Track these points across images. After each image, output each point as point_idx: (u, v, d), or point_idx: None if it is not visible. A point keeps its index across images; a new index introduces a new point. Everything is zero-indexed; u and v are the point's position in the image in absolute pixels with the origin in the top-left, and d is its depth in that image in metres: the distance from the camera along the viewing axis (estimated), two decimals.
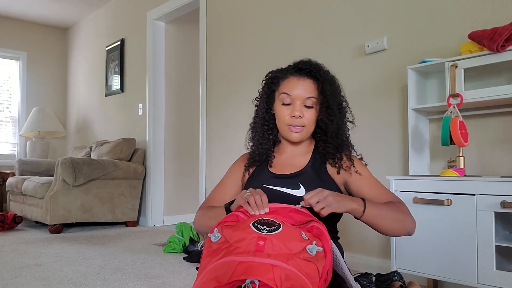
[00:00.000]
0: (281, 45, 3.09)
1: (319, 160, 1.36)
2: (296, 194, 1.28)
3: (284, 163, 1.37)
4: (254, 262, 0.87)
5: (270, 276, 0.85)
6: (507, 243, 1.62)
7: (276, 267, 0.86)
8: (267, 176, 1.35)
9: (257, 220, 0.99)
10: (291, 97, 1.30)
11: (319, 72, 1.32)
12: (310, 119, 1.31)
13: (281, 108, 1.33)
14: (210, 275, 0.89)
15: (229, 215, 1.08)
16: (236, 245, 0.93)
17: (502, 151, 1.99)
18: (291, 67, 1.36)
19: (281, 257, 0.89)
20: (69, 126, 6.00)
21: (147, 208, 4.38)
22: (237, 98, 3.44)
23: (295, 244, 0.93)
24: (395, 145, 2.40)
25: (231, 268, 0.87)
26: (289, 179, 1.32)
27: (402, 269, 1.91)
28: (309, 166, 1.34)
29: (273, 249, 0.90)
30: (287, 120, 1.31)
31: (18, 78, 5.78)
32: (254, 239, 0.92)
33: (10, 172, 5.05)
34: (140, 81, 4.61)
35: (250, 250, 0.90)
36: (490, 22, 2.00)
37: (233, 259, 0.89)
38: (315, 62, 1.35)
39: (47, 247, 3.12)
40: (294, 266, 0.88)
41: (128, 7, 4.88)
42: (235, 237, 0.95)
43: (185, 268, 2.51)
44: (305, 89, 1.30)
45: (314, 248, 0.93)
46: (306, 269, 0.89)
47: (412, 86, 2.12)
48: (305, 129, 1.32)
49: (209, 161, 3.69)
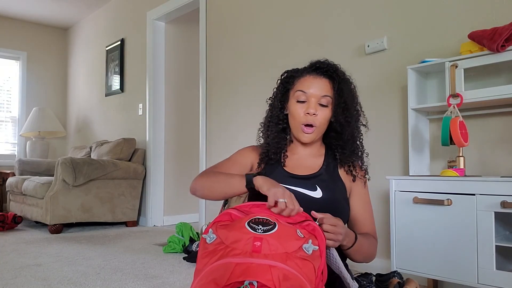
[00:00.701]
0: (281, 45, 3.09)
1: (332, 164, 1.36)
2: (313, 195, 1.27)
3: (298, 163, 1.36)
4: (252, 263, 0.87)
5: (269, 277, 0.85)
6: (507, 243, 1.62)
7: (274, 268, 0.86)
8: (282, 174, 1.32)
9: (252, 220, 0.98)
10: (306, 94, 1.29)
11: (336, 72, 1.31)
12: (323, 119, 1.30)
13: (295, 106, 1.31)
14: (208, 277, 0.89)
15: (223, 214, 1.05)
16: (233, 246, 0.92)
17: (502, 151, 1.99)
18: (308, 67, 1.36)
19: (278, 257, 0.90)
20: (69, 126, 6.00)
21: (147, 208, 4.38)
22: (237, 98, 3.44)
23: (291, 243, 0.93)
24: (395, 145, 2.40)
25: (229, 270, 0.87)
26: (306, 180, 1.30)
27: (402, 269, 1.91)
28: (324, 169, 1.34)
29: (270, 249, 0.90)
30: (302, 118, 1.29)
31: (18, 78, 5.78)
32: (250, 239, 0.92)
33: (10, 172, 5.05)
34: (140, 81, 4.61)
35: (247, 251, 0.90)
36: (490, 22, 2.00)
37: (231, 261, 0.89)
38: (332, 62, 1.34)
39: (47, 247, 3.12)
40: (291, 266, 0.89)
41: (128, 7, 4.88)
42: (230, 238, 0.94)
43: (185, 268, 2.51)
44: (321, 88, 1.29)
45: (310, 247, 0.94)
46: (303, 269, 0.89)
47: (412, 86, 2.12)
48: (316, 129, 1.30)
49: (209, 161, 3.69)
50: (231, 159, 1.41)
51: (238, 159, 1.40)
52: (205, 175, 1.29)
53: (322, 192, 1.27)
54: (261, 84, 3.21)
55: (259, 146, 1.43)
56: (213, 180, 1.25)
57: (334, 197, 1.28)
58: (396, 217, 1.94)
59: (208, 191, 1.25)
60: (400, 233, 1.92)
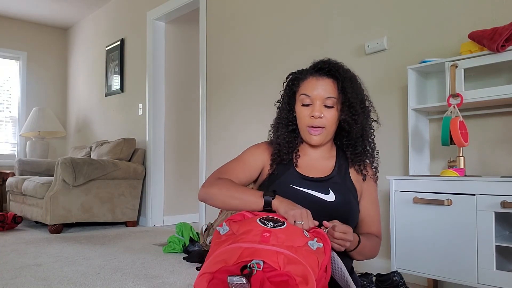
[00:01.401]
0: (281, 45, 3.09)
1: (343, 166, 1.35)
2: (326, 199, 1.26)
3: (310, 165, 1.34)
4: (260, 248, 0.93)
5: (274, 259, 0.90)
6: (507, 243, 1.62)
7: (280, 254, 0.92)
8: (294, 176, 1.31)
9: (263, 217, 1.05)
10: (310, 97, 1.28)
11: (338, 70, 1.29)
12: (330, 120, 1.28)
13: (301, 110, 1.30)
14: (217, 257, 0.94)
15: (237, 214, 1.10)
16: (243, 236, 0.98)
17: (502, 151, 1.99)
18: (311, 68, 1.34)
19: (284, 248, 0.95)
20: (69, 126, 6.00)
21: (147, 208, 4.38)
22: (237, 98, 3.44)
23: (297, 239, 0.98)
24: (395, 145, 2.40)
25: (238, 252, 0.93)
26: (319, 183, 1.30)
27: (402, 269, 1.91)
28: (336, 171, 1.33)
29: (278, 240, 0.95)
30: (307, 121, 1.29)
31: (18, 78, 5.78)
32: (260, 231, 0.98)
33: (10, 172, 5.05)
34: (140, 81, 4.61)
35: (256, 240, 0.95)
36: (490, 22, 2.00)
37: (240, 245, 0.95)
38: (334, 61, 1.32)
39: (47, 247, 3.12)
40: (297, 255, 0.94)
41: (128, 7, 4.88)
42: (242, 229, 1.01)
43: (185, 268, 2.51)
44: (325, 89, 1.28)
45: (315, 244, 0.99)
46: (307, 259, 0.94)
47: (412, 86, 2.12)
48: (325, 131, 1.29)
49: (209, 161, 3.70)
50: (241, 159, 1.37)
51: (248, 160, 1.37)
52: (217, 185, 1.24)
53: (335, 196, 1.27)
54: (261, 84, 3.21)
55: (271, 144, 1.40)
56: (227, 194, 1.22)
57: (347, 200, 1.28)
58: (396, 217, 1.94)
59: (222, 204, 1.23)
60: (400, 233, 1.92)
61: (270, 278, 0.88)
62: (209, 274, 0.93)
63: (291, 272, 0.89)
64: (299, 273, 0.89)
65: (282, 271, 0.89)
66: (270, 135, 1.42)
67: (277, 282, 0.88)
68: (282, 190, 1.25)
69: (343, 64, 1.33)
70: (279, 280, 0.88)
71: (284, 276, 0.88)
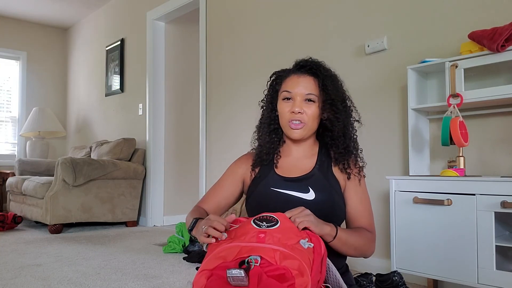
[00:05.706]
0: (281, 45, 3.09)
1: (325, 163, 1.35)
2: (306, 197, 1.26)
3: (290, 165, 1.36)
4: (258, 246, 0.98)
5: (271, 255, 0.95)
6: (507, 243, 1.62)
7: (276, 250, 0.97)
8: (274, 178, 1.33)
9: (257, 217, 1.08)
10: (291, 93, 1.30)
11: (319, 69, 1.32)
12: (311, 115, 1.30)
13: (282, 105, 1.33)
14: (216, 255, 0.99)
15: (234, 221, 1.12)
16: (240, 238, 1.03)
17: (502, 151, 1.99)
18: (293, 66, 1.37)
19: (280, 246, 0.99)
20: (69, 126, 6.00)
21: (147, 208, 4.38)
22: (237, 98, 3.44)
23: (291, 237, 1.03)
24: (395, 145, 2.40)
25: (236, 250, 0.98)
26: (298, 182, 1.30)
27: (402, 269, 1.91)
28: (317, 168, 1.33)
29: (273, 240, 1.00)
30: (287, 115, 1.30)
31: (18, 78, 5.78)
32: (255, 233, 1.02)
33: (10, 172, 5.05)
34: (140, 81, 4.61)
35: (252, 242, 1.01)
36: (490, 22, 2.00)
37: (238, 244, 1.00)
38: (315, 59, 1.35)
39: (47, 247, 3.12)
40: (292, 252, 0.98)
41: (128, 7, 4.88)
42: (239, 232, 1.05)
43: (185, 268, 2.51)
44: (306, 86, 1.30)
45: (306, 244, 1.02)
46: (301, 255, 0.98)
47: (412, 86, 2.12)
48: (306, 126, 1.30)
49: (209, 161, 3.70)
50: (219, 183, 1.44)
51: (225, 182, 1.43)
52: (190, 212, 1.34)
53: (315, 194, 1.27)
54: (261, 84, 3.20)
55: (253, 152, 1.44)
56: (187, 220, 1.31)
57: (327, 197, 1.27)
58: (396, 217, 1.94)
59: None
60: (400, 233, 1.92)
61: (268, 272, 0.93)
62: (208, 271, 0.97)
63: (287, 266, 0.93)
64: (295, 267, 0.94)
65: (279, 265, 0.94)
66: (254, 136, 1.45)
67: (275, 275, 0.92)
68: (264, 193, 1.30)
69: (324, 63, 1.36)
70: (276, 273, 0.93)
71: (281, 270, 0.93)
